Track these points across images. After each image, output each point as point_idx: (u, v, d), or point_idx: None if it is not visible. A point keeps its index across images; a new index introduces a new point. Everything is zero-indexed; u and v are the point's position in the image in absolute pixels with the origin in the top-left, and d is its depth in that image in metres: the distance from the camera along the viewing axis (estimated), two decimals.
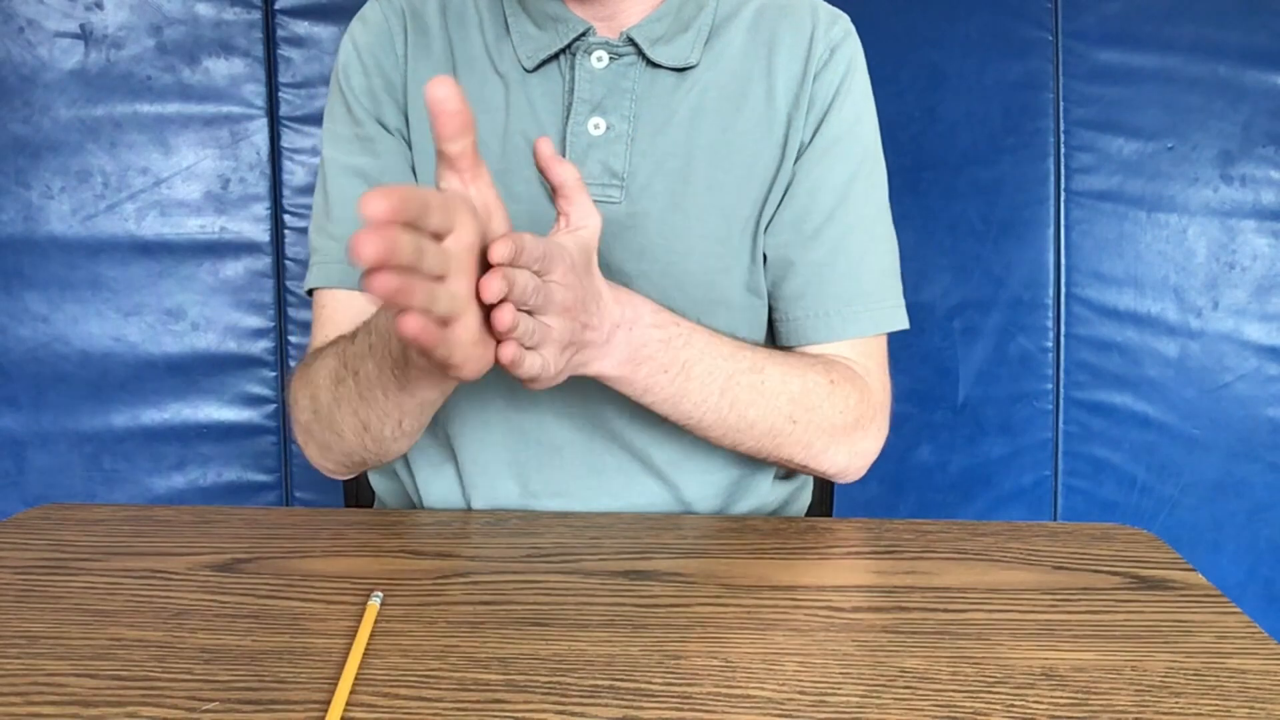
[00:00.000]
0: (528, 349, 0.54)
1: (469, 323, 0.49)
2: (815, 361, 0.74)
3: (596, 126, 0.73)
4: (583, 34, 0.73)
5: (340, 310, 0.76)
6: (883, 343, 0.79)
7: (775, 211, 0.76)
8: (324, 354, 0.70)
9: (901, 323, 0.78)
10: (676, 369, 0.66)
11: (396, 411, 0.65)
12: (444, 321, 0.47)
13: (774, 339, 0.80)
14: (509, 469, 0.77)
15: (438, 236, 0.47)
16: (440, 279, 0.47)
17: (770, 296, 0.78)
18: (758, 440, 0.72)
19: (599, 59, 0.73)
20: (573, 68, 0.74)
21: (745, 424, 0.70)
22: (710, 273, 0.75)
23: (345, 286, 0.76)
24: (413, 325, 0.44)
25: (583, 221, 0.59)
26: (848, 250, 0.76)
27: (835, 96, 0.75)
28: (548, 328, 0.55)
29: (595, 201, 0.73)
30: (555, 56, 0.74)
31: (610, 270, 0.73)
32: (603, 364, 0.63)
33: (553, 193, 0.59)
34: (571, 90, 0.73)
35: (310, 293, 0.78)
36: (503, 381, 0.76)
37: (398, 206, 0.42)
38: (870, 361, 0.77)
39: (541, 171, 0.58)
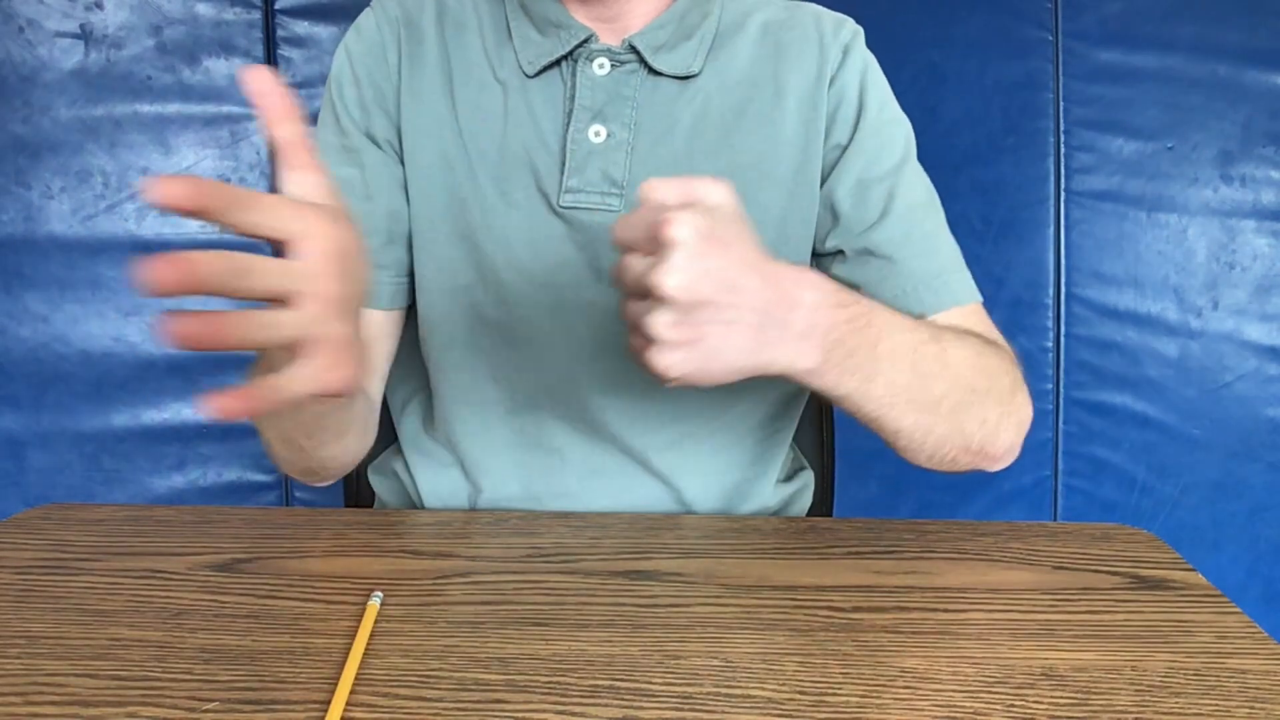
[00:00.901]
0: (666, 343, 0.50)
1: (329, 344, 0.44)
2: (965, 330, 0.69)
3: (597, 134, 0.73)
4: (585, 40, 0.73)
5: None
6: (984, 313, 0.75)
7: (833, 215, 0.74)
8: None
9: (980, 297, 0.75)
10: (866, 348, 0.58)
11: (297, 431, 0.64)
12: (293, 351, 0.43)
13: None
14: (512, 472, 0.77)
15: (276, 247, 0.42)
16: (281, 302, 0.42)
17: (859, 290, 0.72)
18: (946, 423, 0.65)
19: (601, 66, 0.73)
20: (574, 74, 0.73)
21: (934, 401, 0.63)
22: None
23: None
24: (222, 404, 0.40)
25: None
26: (920, 225, 0.74)
27: (864, 92, 0.75)
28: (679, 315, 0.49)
29: (594, 210, 0.73)
30: (557, 63, 0.73)
31: (610, 278, 0.73)
32: (801, 355, 0.55)
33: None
34: (572, 97, 0.73)
35: None
36: (504, 385, 0.76)
37: (189, 191, 0.38)
38: (988, 330, 0.73)
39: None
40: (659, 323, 0.49)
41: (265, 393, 0.42)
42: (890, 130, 0.76)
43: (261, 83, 0.43)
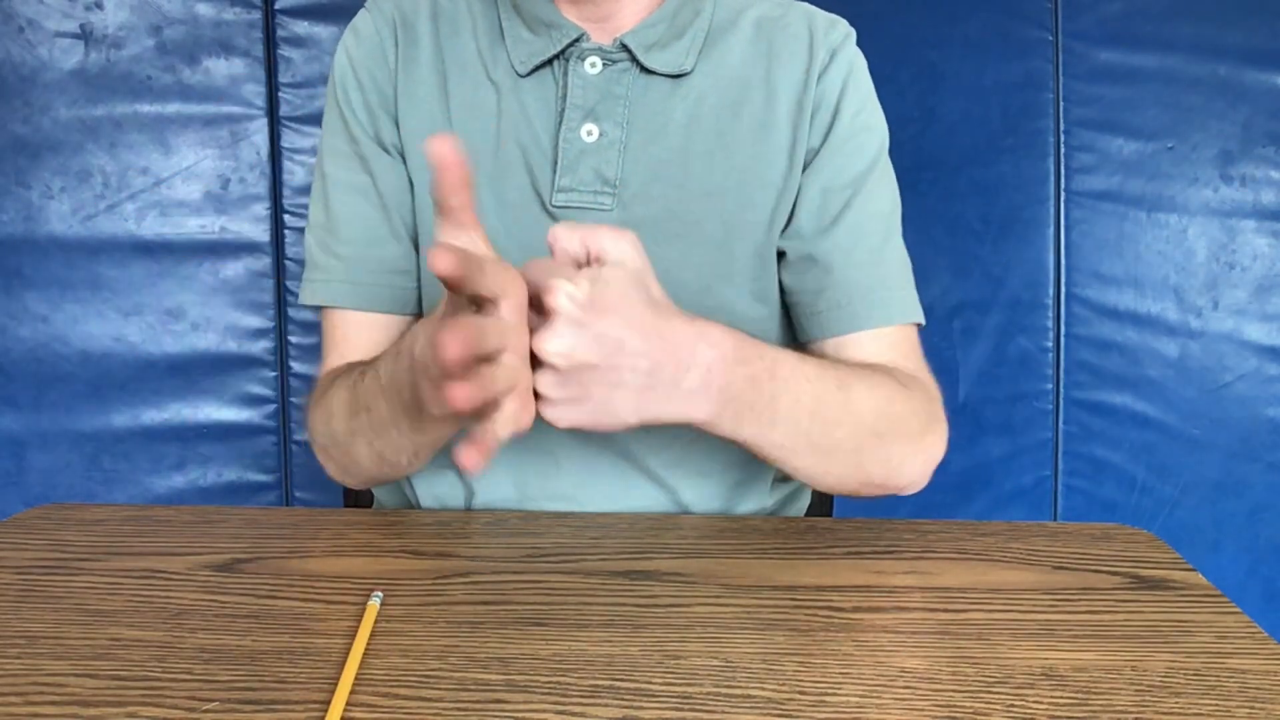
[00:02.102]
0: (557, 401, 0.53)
1: (521, 387, 0.50)
2: (883, 370, 0.71)
3: (589, 133, 0.73)
4: (576, 40, 0.73)
5: (351, 331, 0.76)
6: (914, 336, 0.76)
7: (790, 215, 0.75)
8: (338, 383, 0.70)
9: (921, 317, 0.76)
10: (764, 404, 0.61)
11: (411, 446, 0.66)
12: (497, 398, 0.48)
13: (796, 340, 0.79)
14: (507, 474, 0.77)
15: (484, 302, 0.48)
16: (499, 352, 0.48)
17: (793, 294, 0.76)
18: (844, 464, 0.67)
19: (593, 65, 0.73)
20: (566, 74, 0.73)
21: (833, 444, 0.65)
22: (708, 279, 0.74)
23: (354, 307, 0.75)
24: (478, 458, 0.47)
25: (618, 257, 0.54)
26: (867, 239, 0.75)
27: (842, 97, 0.75)
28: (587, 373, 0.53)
29: (587, 209, 0.73)
30: (549, 62, 0.73)
31: None
32: (695, 409, 0.57)
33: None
34: (565, 96, 0.73)
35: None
36: None
37: (460, 268, 0.44)
38: (910, 357, 0.74)
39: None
40: (542, 382, 0.52)
41: (490, 440, 0.48)
42: (861, 139, 0.76)
43: (447, 154, 0.47)
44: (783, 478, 0.86)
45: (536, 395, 0.53)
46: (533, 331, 0.51)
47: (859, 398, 0.66)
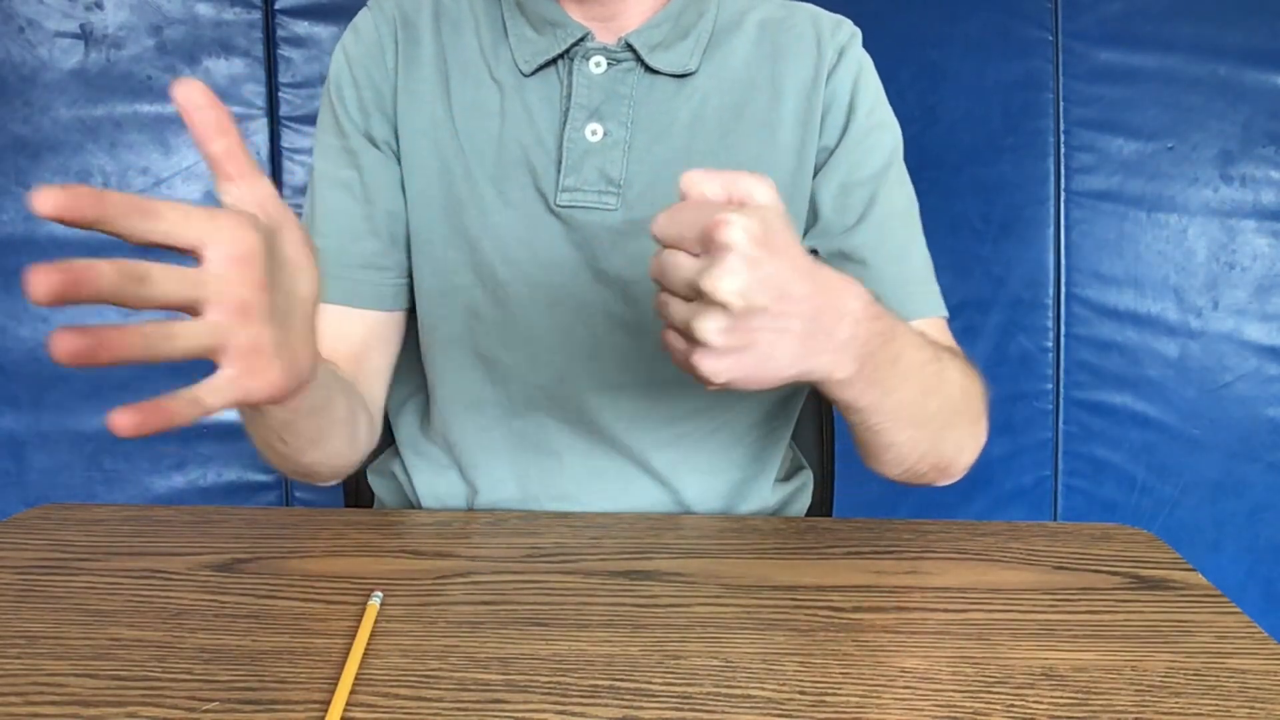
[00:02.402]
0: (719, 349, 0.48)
1: (245, 351, 0.42)
2: (951, 351, 0.69)
3: (594, 133, 0.72)
4: (581, 39, 0.72)
5: (323, 324, 0.74)
6: (947, 328, 0.75)
7: (814, 216, 0.75)
8: None
9: (947, 311, 0.76)
10: (888, 364, 0.57)
11: (257, 435, 0.63)
12: (210, 355, 0.41)
13: None
14: (509, 473, 0.77)
15: (192, 254, 0.40)
16: (192, 309, 0.40)
17: None
18: (930, 437, 0.65)
19: (597, 64, 0.73)
20: (570, 73, 0.73)
21: (927, 418, 0.64)
22: None
23: (327, 300, 0.73)
24: (130, 418, 0.38)
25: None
26: (895, 235, 0.75)
27: (855, 94, 0.75)
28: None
29: (591, 209, 0.73)
30: (553, 61, 0.73)
31: (608, 278, 0.73)
32: (842, 364, 0.54)
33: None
34: (569, 96, 0.73)
35: None
36: (501, 386, 0.76)
37: (78, 201, 0.36)
38: (955, 348, 0.73)
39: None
40: (710, 328, 0.47)
41: (180, 406, 0.40)
42: (877, 135, 0.76)
43: (193, 97, 0.42)
44: (784, 476, 0.86)
45: (693, 345, 0.48)
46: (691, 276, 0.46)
47: (949, 371, 0.64)
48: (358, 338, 0.75)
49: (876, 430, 0.62)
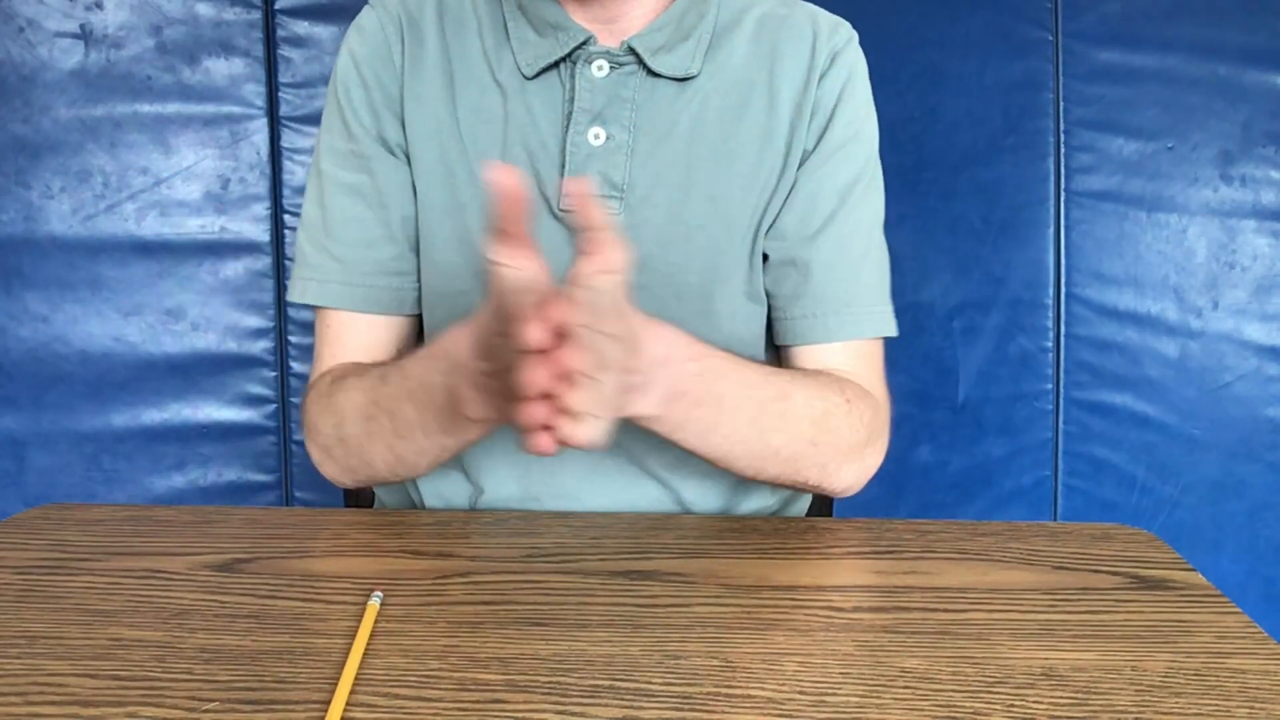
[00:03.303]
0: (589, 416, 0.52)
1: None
2: (831, 381, 0.72)
3: (596, 136, 0.72)
4: (584, 43, 0.72)
5: (346, 332, 0.76)
6: (879, 349, 0.78)
7: (777, 215, 0.76)
8: (346, 385, 0.70)
9: (893, 330, 0.78)
10: (711, 402, 0.64)
11: (435, 449, 0.67)
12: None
13: (770, 340, 0.79)
14: (510, 473, 0.77)
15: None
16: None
17: (769, 296, 0.77)
18: (779, 466, 0.70)
19: (600, 68, 0.73)
20: (573, 76, 0.73)
21: (770, 451, 0.69)
22: (710, 284, 0.74)
23: (350, 308, 0.75)
24: (544, 443, 0.52)
25: (610, 264, 0.52)
26: (848, 252, 0.76)
27: (839, 102, 0.75)
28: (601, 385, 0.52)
29: None
30: (555, 65, 0.73)
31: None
32: (643, 405, 0.61)
33: (580, 234, 0.51)
34: (572, 99, 0.73)
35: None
36: None
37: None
38: (871, 370, 0.76)
39: (569, 212, 0.56)
40: (587, 400, 0.51)
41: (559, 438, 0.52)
42: (852, 148, 0.76)
43: (510, 185, 0.47)
44: None
45: (566, 416, 0.53)
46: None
47: (800, 409, 0.69)
48: (384, 344, 0.76)
49: (710, 460, 0.69)
